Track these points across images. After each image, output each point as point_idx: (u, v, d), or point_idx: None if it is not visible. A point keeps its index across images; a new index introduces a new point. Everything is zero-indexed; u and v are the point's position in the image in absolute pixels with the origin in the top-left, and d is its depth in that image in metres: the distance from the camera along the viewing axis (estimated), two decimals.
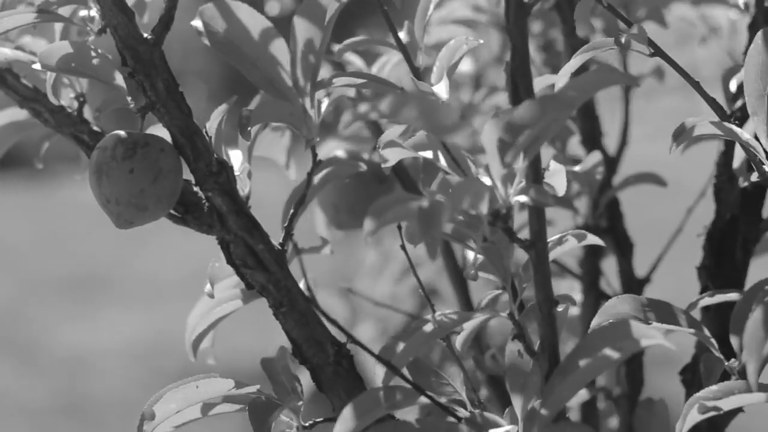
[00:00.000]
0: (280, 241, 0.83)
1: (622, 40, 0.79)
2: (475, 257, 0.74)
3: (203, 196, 0.82)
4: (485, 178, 0.67)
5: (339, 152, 1.08)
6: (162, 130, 0.83)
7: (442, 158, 0.74)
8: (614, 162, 1.17)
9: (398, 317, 1.53)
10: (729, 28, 1.28)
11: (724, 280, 0.96)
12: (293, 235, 0.84)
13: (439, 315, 0.75)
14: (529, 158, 0.67)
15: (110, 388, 3.47)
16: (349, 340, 0.76)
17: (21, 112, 0.92)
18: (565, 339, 1.21)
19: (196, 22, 0.77)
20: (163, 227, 0.98)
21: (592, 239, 0.77)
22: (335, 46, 0.93)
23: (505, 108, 0.69)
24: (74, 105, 0.90)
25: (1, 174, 6.49)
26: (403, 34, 0.87)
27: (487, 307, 0.81)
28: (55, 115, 0.88)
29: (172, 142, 0.81)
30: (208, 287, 0.86)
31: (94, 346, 3.85)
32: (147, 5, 0.91)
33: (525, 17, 0.68)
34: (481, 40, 0.82)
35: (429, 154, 0.75)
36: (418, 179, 0.80)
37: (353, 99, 1.07)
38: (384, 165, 0.79)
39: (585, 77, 0.66)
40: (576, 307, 1.16)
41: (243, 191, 0.84)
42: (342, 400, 0.81)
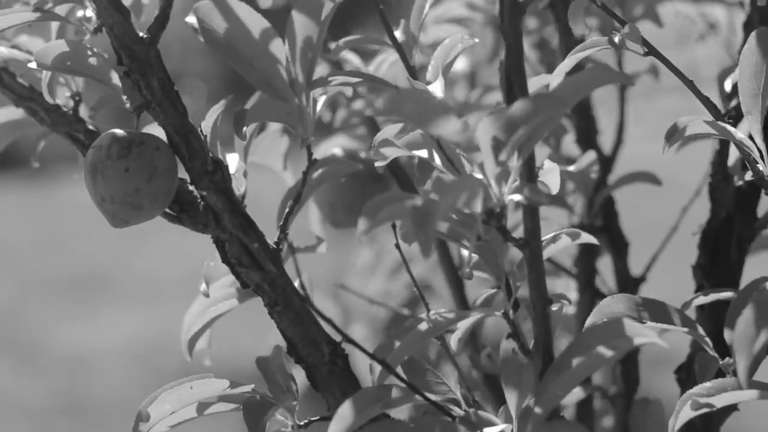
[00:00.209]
0: (276, 240, 0.83)
1: (616, 40, 0.79)
2: (470, 256, 0.74)
3: (198, 195, 0.82)
4: (479, 176, 0.68)
5: (336, 151, 1.08)
6: (158, 129, 0.83)
7: (436, 157, 0.74)
8: (609, 161, 1.17)
9: (389, 316, 1.53)
10: (727, 26, 1.28)
11: (720, 278, 0.96)
12: (288, 233, 0.84)
13: (433, 314, 0.75)
14: (524, 157, 0.67)
15: (110, 388, 3.47)
16: (344, 339, 0.76)
17: (17, 111, 0.92)
18: (561, 337, 1.21)
19: (191, 18, 0.77)
20: (162, 227, 0.99)
21: (587, 238, 0.77)
22: (332, 45, 0.93)
23: (500, 106, 0.70)
24: (70, 104, 0.90)
25: (1, 174, 6.49)
26: (398, 33, 0.88)
27: (482, 306, 0.81)
28: (50, 114, 0.89)
29: (167, 141, 0.82)
30: (203, 286, 0.86)
31: (94, 346, 3.85)
32: (143, 5, 0.91)
33: (519, 17, 0.68)
34: (476, 39, 0.82)
35: (424, 153, 0.75)
36: (414, 178, 0.80)
37: (349, 98, 1.07)
38: (378, 164, 0.79)
39: (579, 76, 0.66)
40: (571, 306, 1.16)
41: (238, 190, 0.84)
42: (337, 399, 0.81)
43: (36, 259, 4.96)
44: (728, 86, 0.95)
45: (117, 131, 0.81)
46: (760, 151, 0.78)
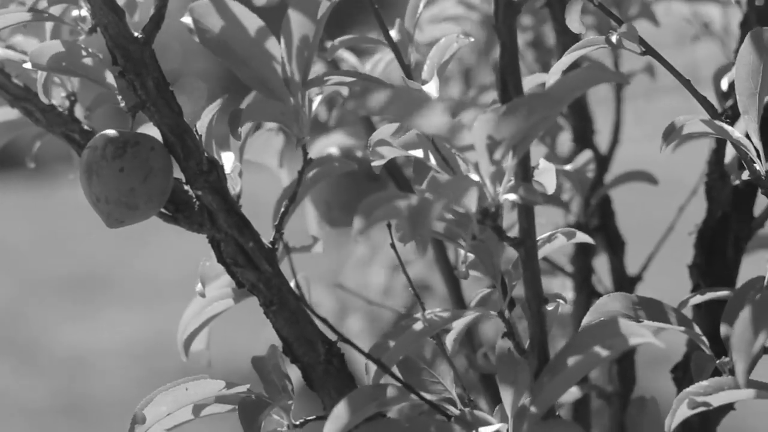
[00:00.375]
0: (271, 239, 0.83)
1: (613, 39, 0.79)
2: (465, 255, 0.74)
3: (194, 195, 0.82)
4: (474, 176, 0.67)
5: (332, 150, 1.08)
6: (153, 128, 0.83)
7: (431, 156, 0.74)
8: (606, 160, 1.17)
9: (387, 312, 1.53)
10: (723, 26, 1.28)
11: (716, 277, 0.96)
12: (283, 233, 0.84)
13: (429, 313, 0.75)
14: (519, 156, 0.67)
15: (110, 388, 3.47)
16: (339, 338, 0.76)
17: (13, 112, 0.92)
18: (558, 337, 1.21)
19: (186, 18, 0.77)
20: (162, 228, 0.98)
21: (582, 237, 0.77)
22: (328, 44, 0.93)
23: (495, 105, 0.69)
24: (65, 104, 0.90)
25: (1, 174, 6.50)
26: (394, 32, 0.87)
27: (478, 305, 0.81)
28: (46, 114, 0.89)
29: (162, 141, 0.81)
30: (198, 286, 0.86)
31: (93, 346, 3.85)
32: (138, 5, 0.91)
33: (514, 16, 0.68)
34: (472, 38, 0.82)
35: (419, 153, 0.75)
36: (410, 177, 0.80)
37: (344, 98, 1.07)
38: (375, 164, 0.79)
39: (574, 75, 0.66)
40: (568, 305, 1.16)
41: (234, 190, 0.84)
42: (333, 399, 0.81)
43: (36, 259, 4.97)
44: (725, 85, 0.95)
45: (112, 131, 0.81)
46: (756, 150, 0.77)
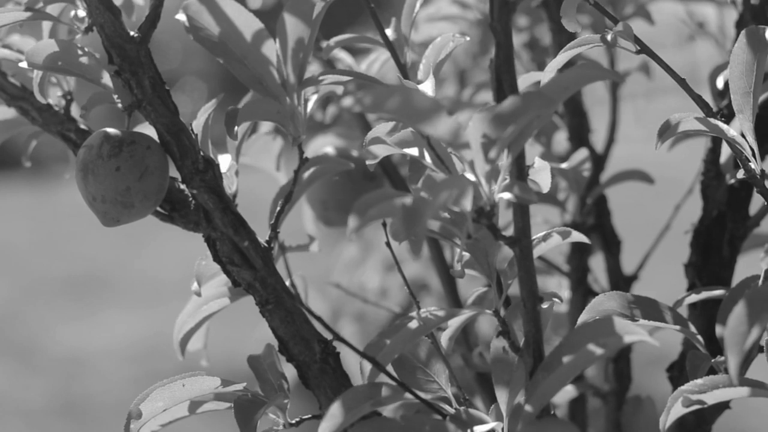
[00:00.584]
0: (267, 238, 0.83)
1: (608, 38, 0.79)
2: (461, 254, 0.74)
3: (190, 194, 0.82)
4: (470, 175, 0.67)
5: (328, 149, 1.08)
6: (149, 128, 0.83)
7: (427, 155, 0.74)
8: (602, 159, 1.17)
9: (380, 314, 1.52)
10: (719, 25, 1.28)
11: (712, 276, 0.96)
12: (279, 232, 0.84)
13: (424, 312, 0.75)
14: (514, 155, 0.67)
15: (108, 389, 3.47)
16: (334, 337, 0.76)
17: (9, 111, 0.92)
18: (555, 336, 1.21)
19: (181, 16, 0.77)
20: (161, 228, 0.99)
21: (577, 236, 0.77)
22: (324, 43, 0.93)
23: (490, 104, 0.69)
24: (62, 103, 0.90)
25: (1, 175, 6.49)
26: (390, 32, 0.87)
27: (474, 304, 0.81)
28: (42, 113, 0.89)
29: (158, 140, 0.82)
30: (195, 285, 0.86)
31: (92, 347, 3.85)
32: (134, 4, 0.91)
33: (509, 15, 0.68)
34: (468, 38, 0.82)
35: (414, 151, 0.75)
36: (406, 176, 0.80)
37: (339, 96, 1.07)
38: (369, 162, 0.79)
39: (568, 73, 0.66)
40: (564, 304, 1.16)
41: (230, 189, 0.84)
42: (329, 398, 0.81)
43: (35, 260, 4.96)
44: (720, 84, 0.95)
45: (108, 130, 0.81)
46: (751, 148, 0.78)
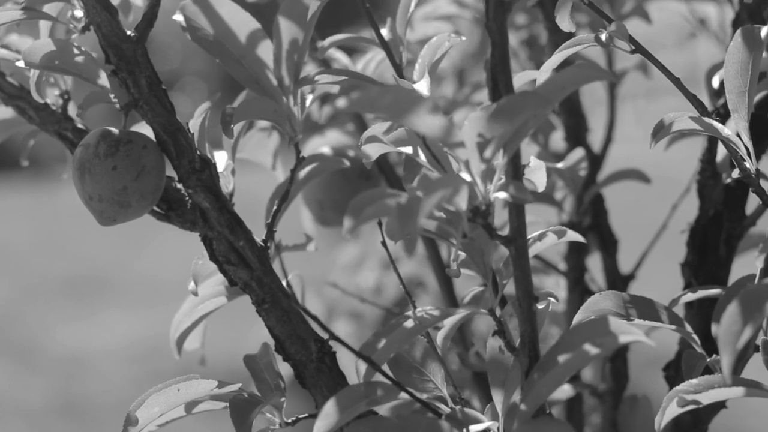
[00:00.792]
0: (263, 238, 0.83)
1: (603, 37, 0.79)
2: (456, 254, 0.74)
3: (186, 193, 0.82)
4: (465, 174, 0.67)
5: (324, 149, 1.08)
6: (146, 127, 0.83)
7: (422, 154, 0.74)
8: (599, 159, 1.17)
9: (375, 313, 1.52)
10: (719, 23, 1.28)
11: (708, 276, 0.96)
12: (275, 231, 0.84)
13: (419, 311, 0.75)
14: (509, 154, 0.67)
15: (108, 389, 3.47)
16: (330, 337, 0.76)
17: (6, 110, 0.92)
18: (554, 335, 1.21)
19: (178, 16, 0.77)
20: (161, 229, 0.99)
21: (573, 236, 0.77)
22: (320, 43, 0.93)
23: (486, 104, 0.69)
24: (59, 102, 0.90)
25: (1, 175, 6.50)
26: (385, 31, 0.87)
27: (470, 303, 0.81)
28: (39, 112, 0.89)
29: (155, 139, 0.82)
30: (191, 285, 0.86)
31: (92, 347, 3.85)
32: (132, 4, 0.91)
33: (504, 14, 0.68)
34: (464, 37, 0.82)
35: (409, 150, 0.75)
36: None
37: (334, 95, 1.07)
38: (365, 161, 0.79)
39: (563, 73, 0.66)
40: (561, 304, 1.16)
41: (226, 188, 0.84)
42: (325, 397, 0.81)
43: (35, 260, 4.97)
44: (716, 83, 0.95)
45: (105, 129, 0.81)
46: (747, 148, 0.77)
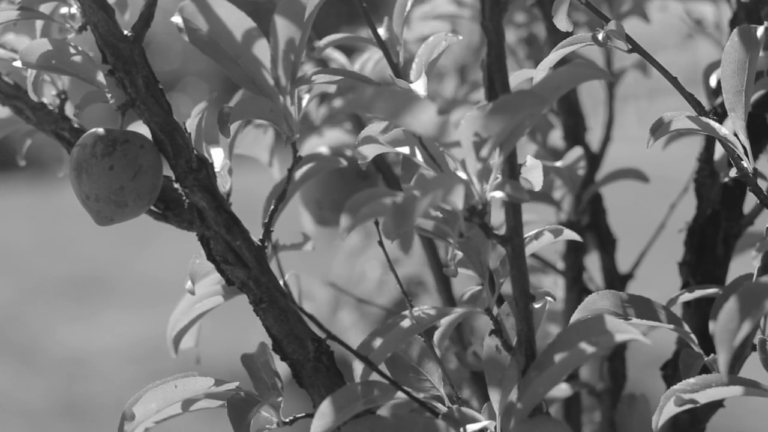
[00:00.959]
0: (260, 237, 0.83)
1: (600, 37, 0.79)
2: (453, 253, 0.74)
3: (183, 193, 0.82)
4: (461, 173, 0.67)
5: (322, 148, 1.08)
6: (143, 126, 0.83)
7: (418, 154, 0.74)
8: (597, 158, 1.17)
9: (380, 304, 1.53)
10: (716, 22, 1.28)
11: (706, 275, 0.96)
12: (273, 231, 0.84)
13: (416, 310, 0.75)
14: (505, 153, 0.67)
15: (109, 389, 3.47)
16: (328, 336, 0.76)
17: (3, 110, 0.92)
18: (553, 334, 1.21)
19: (176, 18, 0.78)
20: (162, 229, 0.99)
21: (569, 235, 0.77)
22: (317, 43, 0.93)
23: (482, 103, 0.69)
24: (56, 102, 0.90)
25: (2, 176, 6.50)
26: (382, 31, 0.87)
27: (468, 303, 0.81)
28: (36, 112, 0.89)
29: (152, 139, 0.82)
30: (188, 284, 0.86)
31: (93, 348, 3.85)
32: (128, 5, 0.91)
33: (500, 13, 0.68)
34: (461, 37, 0.82)
35: (406, 150, 0.75)
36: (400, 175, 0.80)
37: (331, 95, 1.07)
38: (361, 161, 0.79)
39: (559, 72, 0.66)
40: (559, 303, 1.16)
41: (224, 188, 0.84)
42: (322, 396, 0.81)
43: (36, 261, 4.97)
44: (713, 82, 0.95)
45: (101, 129, 0.81)
46: (744, 147, 0.77)
